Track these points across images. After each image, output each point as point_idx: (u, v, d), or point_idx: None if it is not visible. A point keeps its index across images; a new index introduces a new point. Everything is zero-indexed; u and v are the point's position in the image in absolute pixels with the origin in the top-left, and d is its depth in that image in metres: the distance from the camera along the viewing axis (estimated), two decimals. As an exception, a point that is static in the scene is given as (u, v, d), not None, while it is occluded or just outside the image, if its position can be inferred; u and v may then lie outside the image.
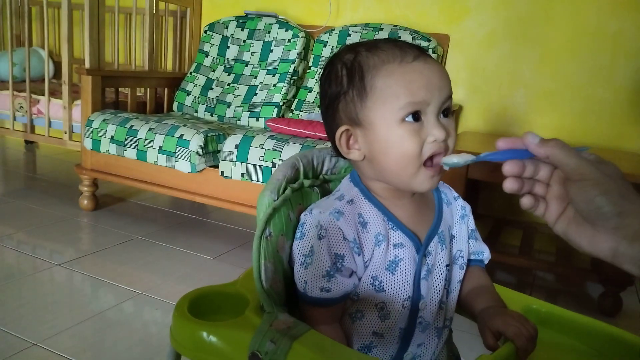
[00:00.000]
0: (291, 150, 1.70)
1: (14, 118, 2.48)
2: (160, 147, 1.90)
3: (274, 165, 1.72)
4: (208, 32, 2.57)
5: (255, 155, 1.75)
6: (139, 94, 2.58)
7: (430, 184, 0.63)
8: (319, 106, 0.70)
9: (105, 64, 2.21)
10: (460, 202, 0.74)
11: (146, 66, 2.46)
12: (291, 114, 2.28)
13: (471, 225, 0.74)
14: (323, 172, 0.76)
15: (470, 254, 0.73)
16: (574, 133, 2.13)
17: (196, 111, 2.45)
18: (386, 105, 0.61)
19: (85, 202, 2.22)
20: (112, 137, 2.00)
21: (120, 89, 2.36)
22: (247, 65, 2.44)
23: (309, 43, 2.39)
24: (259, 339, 0.57)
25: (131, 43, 2.67)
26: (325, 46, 2.33)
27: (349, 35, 2.29)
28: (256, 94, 2.34)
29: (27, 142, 3.44)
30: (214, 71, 2.50)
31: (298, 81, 2.34)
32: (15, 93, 2.46)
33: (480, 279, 0.72)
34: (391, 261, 0.64)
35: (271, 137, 1.78)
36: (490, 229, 2.08)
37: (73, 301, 1.49)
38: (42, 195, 2.44)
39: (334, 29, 2.34)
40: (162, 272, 1.70)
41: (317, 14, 2.53)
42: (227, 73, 2.47)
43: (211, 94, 2.44)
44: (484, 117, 2.27)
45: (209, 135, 1.87)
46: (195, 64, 2.55)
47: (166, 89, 2.56)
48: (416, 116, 0.61)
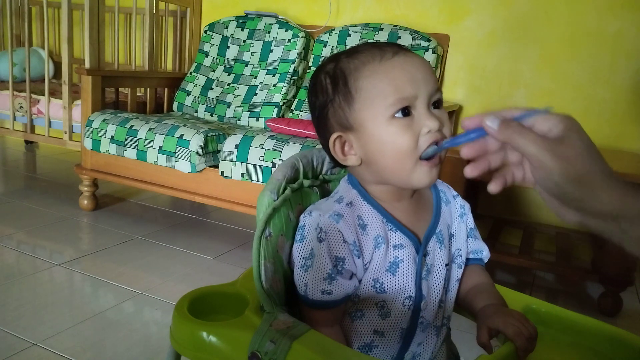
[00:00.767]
0: (291, 150, 1.70)
1: (14, 118, 2.48)
2: (160, 147, 1.90)
3: (274, 165, 1.72)
4: (208, 32, 2.57)
5: (255, 155, 1.75)
6: (139, 94, 2.58)
7: (429, 178, 0.62)
8: (311, 118, 0.71)
9: (105, 64, 2.21)
10: (459, 201, 0.74)
11: (146, 66, 2.46)
12: (291, 114, 2.28)
13: (470, 223, 0.73)
14: (323, 172, 0.76)
15: (469, 253, 0.73)
16: (574, 133, 2.12)
17: (196, 111, 2.45)
18: (374, 104, 0.62)
19: (85, 202, 2.22)
20: (112, 137, 2.00)
21: (120, 89, 2.36)
22: (247, 65, 2.44)
23: (309, 43, 2.39)
24: (259, 339, 0.57)
25: (131, 43, 2.67)
26: (325, 46, 2.33)
27: (349, 35, 2.29)
28: (256, 94, 2.34)
29: (27, 142, 3.44)
30: (214, 71, 2.50)
31: (298, 81, 2.34)
32: (15, 93, 2.46)
33: (480, 278, 0.72)
34: (392, 262, 0.64)
35: (271, 137, 1.78)
36: (490, 229, 2.08)
37: (73, 301, 1.49)
38: (42, 195, 2.44)
39: (334, 29, 2.34)
40: (162, 272, 1.70)
41: (317, 14, 2.53)
42: (227, 73, 2.47)
43: (211, 94, 2.44)
44: (484, 117, 2.26)
45: (209, 135, 1.87)
46: (195, 64, 2.55)
47: (166, 89, 2.56)
48: (406, 111, 0.61)
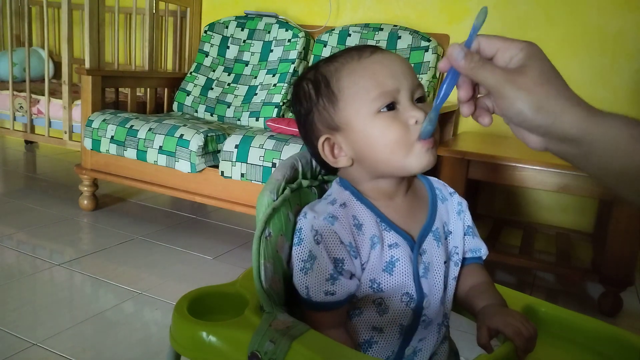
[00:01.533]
0: (291, 150, 1.70)
1: (14, 118, 2.48)
2: (160, 147, 1.90)
3: (274, 165, 1.72)
4: (208, 32, 2.57)
5: (255, 155, 1.75)
6: (139, 94, 2.58)
7: (426, 159, 0.62)
8: (298, 129, 0.72)
9: (105, 64, 2.21)
10: (456, 198, 0.73)
11: (146, 66, 2.46)
12: (291, 114, 2.28)
13: (468, 221, 0.73)
14: (321, 173, 0.76)
15: (467, 251, 0.73)
16: (574, 133, 2.12)
17: (196, 111, 2.45)
18: (358, 101, 0.63)
19: (85, 202, 2.22)
20: (112, 137, 2.00)
21: (120, 89, 2.36)
22: (247, 65, 2.44)
23: (309, 43, 2.39)
24: (259, 339, 0.57)
25: (131, 43, 2.67)
26: (325, 46, 2.33)
27: (349, 35, 2.29)
28: (256, 94, 2.34)
29: (27, 142, 3.44)
30: (214, 71, 2.50)
31: (298, 81, 2.34)
32: (15, 93, 2.46)
33: (479, 277, 0.72)
34: (387, 262, 0.64)
35: (271, 137, 1.78)
36: (490, 229, 2.08)
37: (73, 301, 1.49)
38: (42, 195, 2.44)
39: (334, 29, 2.34)
40: (162, 272, 1.70)
41: (317, 14, 2.53)
42: (227, 73, 2.47)
43: (211, 94, 2.45)
44: (484, 117, 2.26)
45: (209, 135, 1.87)
46: (195, 64, 2.55)
47: (166, 89, 2.56)
48: (390, 106, 0.62)
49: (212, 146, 1.89)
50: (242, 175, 1.79)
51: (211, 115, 2.41)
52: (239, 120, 2.34)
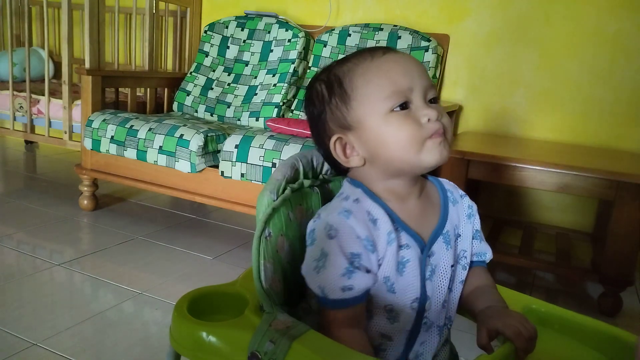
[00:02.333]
0: (291, 150, 1.70)
1: (14, 118, 2.48)
2: (160, 147, 1.90)
3: (274, 165, 1.72)
4: (208, 32, 2.57)
5: (255, 155, 1.75)
6: (139, 94, 2.58)
7: (439, 152, 0.62)
8: (310, 130, 0.72)
9: (105, 64, 2.21)
10: (466, 201, 0.73)
11: (146, 66, 2.46)
12: (291, 114, 2.28)
13: (477, 225, 0.73)
14: (323, 172, 0.76)
15: (473, 255, 0.73)
16: (574, 133, 2.13)
17: (196, 111, 2.45)
18: (371, 100, 0.63)
19: (85, 202, 2.22)
20: (112, 137, 2.00)
21: (120, 89, 2.36)
22: (247, 65, 2.44)
23: (309, 43, 2.39)
24: (258, 339, 0.57)
25: (131, 43, 2.67)
26: (325, 46, 2.33)
27: (349, 35, 2.29)
28: (256, 94, 2.34)
29: (27, 142, 3.44)
30: (214, 71, 2.50)
31: (298, 81, 2.34)
32: (15, 93, 2.46)
33: (482, 280, 0.72)
34: (399, 262, 0.63)
35: (271, 137, 1.78)
36: (490, 229, 2.08)
37: (73, 301, 1.49)
38: (42, 195, 2.44)
39: (334, 29, 2.34)
40: (162, 272, 1.70)
41: (317, 14, 2.53)
42: (227, 73, 2.47)
43: (211, 94, 2.44)
44: (484, 117, 2.27)
45: (209, 135, 1.87)
46: (195, 64, 2.55)
47: (166, 89, 2.56)
48: (403, 105, 0.62)
49: (212, 146, 1.89)
50: (242, 175, 1.79)
51: (211, 115, 2.41)
52: (239, 120, 2.34)
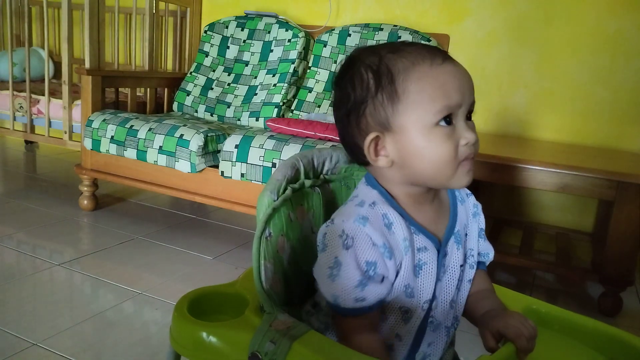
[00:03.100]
0: (291, 150, 1.70)
1: (14, 118, 2.48)
2: (160, 147, 1.90)
3: (274, 165, 1.72)
4: (208, 32, 2.57)
5: (255, 155, 1.75)
6: (139, 94, 2.58)
7: (467, 179, 0.62)
8: (334, 111, 0.68)
9: (105, 64, 2.21)
10: (472, 200, 0.73)
11: (146, 66, 2.46)
12: (291, 114, 2.28)
13: (481, 224, 0.73)
14: (323, 172, 0.76)
15: (478, 254, 0.73)
16: (574, 133, 2.13)
17: (196, 111, 2.45)
18: (420, 109, 0.60)
19: (85, 202, 2.22)
20: (112, 137, 2.00)
21: (120, 89, 2.36)
22: (247, 65, 2.44)
23: (309, 43, 2.39)
24: (259, 339, 0.57)
25: (131, 43, 2.67)
26: (325, 46, 2.33)
27: (349, 35, 2.29)
28: (256, 94, 2.34)
29: (27, 142, 3.44)
30: (214, 71, 2.50)
31: (298, 81, 2.34)
32: (15, 93, 2.46)
33: (482, 284, 0.72)
34: (415, 265, 0.63)
35: (271, 137, 1.78)
36: (490, 229, 2.08)
37: (73, 301, 1.49)
38: (42, 195, 2.44)
39: (334, 29, 2.34)
40: (162, 272, 1.70)
41: (317, 14, 2.53)
42: (227, 73, 2.47)
43: (211, 94, 2.44)
44: (484, 117, 2.27)
45: (209, 135, 1.87)
46: (195, 64, 2.55)
47: (166, 89, 2.56)
48: (448, 120, 0.60)
49: (212, 146, 1.89)
50: (242, 175, 1.79)
51: (211, 115, 2.41)
52: (239, 120, 2.34)
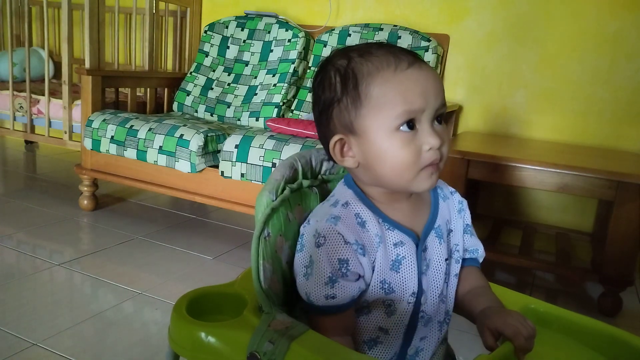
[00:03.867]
0: (291, 150, 1.70)
1: (14, 118, 2.48)
2: (160, 147, 1.90)
3: (274, 165, 1.72)
4: (208, 32, 2.57)
5: (255, 155, 1.75)
6: (139, 94, 2.58)
7: (429, 183, 0.63)
8: (312, 110, 0.70)
9: (105, 64, 2.21)
10: (457, 197, 0.74)
11: (146, 66, 2.46)
12: (291, 114, 2.28)
13: (467, 220, 0.74)
14: (322, 172, 0.76)
15: (465, 251, 0.73)
16: (574, 133, 2.13)
17: (196, 111, 2.45)
18: (381, 113, 0.61)
19: (85, 202, 2.22)
20: (112, 137, 2.00)
21: (120, 89, 2.36)
22: (247, 65, 2.44)
23: (309, 43, 2.39)
24: (257, 339, 0.57)
25: (131, 43, 2.67)
26: (325, 46, 2.33)
27: (349, 35, 2.29)
28: (256, 94, 2.34)
29: (27, 142, 3.44)
30: (214, 71, 2.50)
31: (298, 81, 2.34)
32: (15, 93, 2.46)
33: (477, 281, 0.73)
34: (394, 260, 0.64)
35: (271, 137, 1.78)
36: (490, 229, 2.08)
37: (73, 301, 1.49)
38: (42, 195, 2.44)
39: (334, 29, 2.34)
40: (162, 272, 1.70)
41: (317, 14, 2.53)
42: (227, 73, 2.47)
43: (211, 94, 2.44)
44: (484, 117, 2.26)
45: (209, 135, 1.87)
46: (195, 64, 2.55)
47: (166, 89, 2.56)
48: (411, 124, 0.61)
49: (212, 146, 1.89)
50: (242, 175, 1.79)
51: (211, 115, 2.41)
52: (239, 120, 2.34)
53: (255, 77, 2.39)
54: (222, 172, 1.83)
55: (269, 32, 2.43)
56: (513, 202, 2.26)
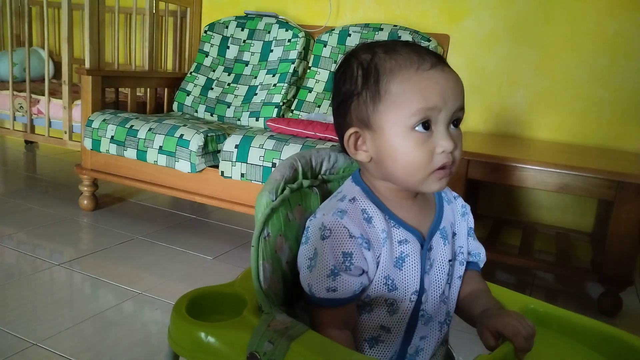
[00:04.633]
0: (291, 150, 1.70)
1: (14, 118, 2.48)
2: (160, 147, 1.90)
3: (274, 165, 1.72)
4: (208, 32, 2.57)
5: (255, 155, 1.75)
6: (139, 94, 2.58)
7: (438, 186, 0.63)
8: (330, 102, 0.70)
9: (105, 64, 2.21)
10: (460, 201, 0.75)
11: (146, 66, 2.46)
12: (291, 114, 2.28)
13: (470, 223, 0.75)
14: (322, 172, 0.76)
15: (468, 254, 0.74)
16: (574, 133, 2.13)
17: (196, 111, 2.45)
18: (398, 111, 0.61)
19: (85, 202, 2.22)
20: (112, 137, 2.00)
21: (120, 89, 2.36)
22: (247, 65, 2.44)
23: (309, 43, 2.39)
24: (257, 340, 0.57)
25: (131, 43, 2.67)
26: (325, 46, 2.33)
27: (349, 35, 2.29)
28: (256, 94, 2.34)
29: (27, 142, 3.44)
30: (214, 71, 2.50)
31: (298, 81, 2.34)
32: (15, 93, 2.46)
33: (477, 285, 0.73)
34: (397, 258, 0.64)
35: (271, 137, 1.78)
36: (490, 229, 2.08)
37: (73, 301, 1.49)
38: (42, 195, 2.44)
39: (334, 29, 2.34)
40: (162, 272, 1.70)
41: (317, 14, 2.53)
42: (227, 73, 2.47)
43: (211, 94, 2.44)
44: (484, 117, 2.27)
45: (209, 135, 1.87)
46: (195, 64, 2.55)
47: (166, 89, 2.56)
48: (426, 125, 0.61)
49: (212, 146, 1.89)
50: (242, 175, 1.79)
51: (211, 115, 2.41)
52: (239, 120, 2.34)
53: (255, 77, 2.39)
54: (222, 172, 1.83)
55: (269, 32, 2.43)
56: (513, 202, 2.26)
